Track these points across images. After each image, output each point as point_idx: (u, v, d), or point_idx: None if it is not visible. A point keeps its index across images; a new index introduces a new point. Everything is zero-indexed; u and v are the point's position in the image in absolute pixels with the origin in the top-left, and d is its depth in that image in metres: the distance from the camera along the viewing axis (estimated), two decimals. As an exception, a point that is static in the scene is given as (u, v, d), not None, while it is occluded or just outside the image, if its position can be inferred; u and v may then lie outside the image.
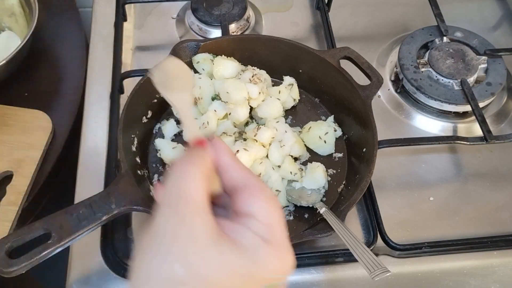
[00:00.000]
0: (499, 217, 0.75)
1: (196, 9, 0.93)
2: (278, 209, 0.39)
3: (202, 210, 0.37)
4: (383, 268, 0.55)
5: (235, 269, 0.36)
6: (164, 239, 0.36)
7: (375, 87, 0.74)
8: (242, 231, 0.37)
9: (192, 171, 0.38)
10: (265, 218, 0.38)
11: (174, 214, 0.36)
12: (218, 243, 0.36)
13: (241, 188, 0.40)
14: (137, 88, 0.72)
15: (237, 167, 0.41)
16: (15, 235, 0.55)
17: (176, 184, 0.38)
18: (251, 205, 0.38)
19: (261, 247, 0.37)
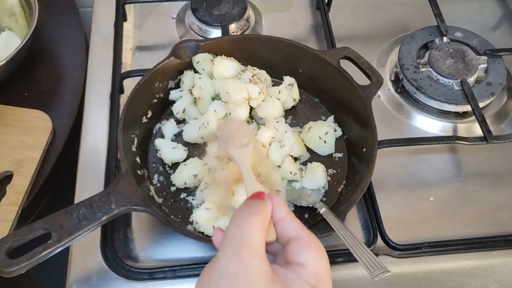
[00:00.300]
0: (499, 217, 0.75)
1: (196, 9, 0.93)
2: (325, 260, 0.44)
3: (260, 256, 0.41)
4: (383, 268, 0.55)
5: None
6: (224, 278, 0.40)
7: (375, 87, 0.74)
8: (294, 277, 0.42)
9: (253, 221, 0.42)
10: (314, 267, 0.42)
11: (235, 257, 0.40)
12: (273, 285, 0.40)
13: (294, 239, 0.44)
14: (137, 88, 0.72)
15: (291, 220, 0.45)
16: (15, 235, 0.55)
17: (238, 231, 0.42)
18: (302, 255, 0.43)
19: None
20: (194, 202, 0.71)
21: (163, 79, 0.77)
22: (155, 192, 0.71)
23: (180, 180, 0.71)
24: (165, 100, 0.79)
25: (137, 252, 0.69)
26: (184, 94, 0.78)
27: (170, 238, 0.69)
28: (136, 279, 0.65)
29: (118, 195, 0.60)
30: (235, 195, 0.65)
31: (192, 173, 0.70)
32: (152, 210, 0.61)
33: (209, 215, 0.65)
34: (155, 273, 0.65)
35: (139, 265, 0.67)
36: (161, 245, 0.69)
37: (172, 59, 0.76)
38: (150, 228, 0.71)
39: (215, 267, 0.41)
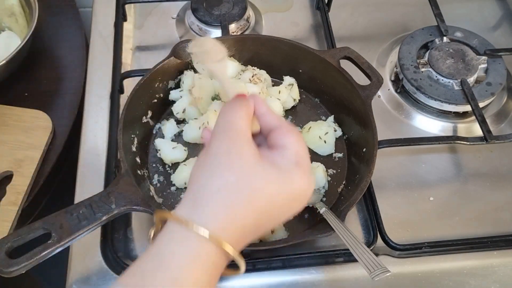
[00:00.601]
0: (499, 217, 0.75)
1: (196, 9, 0.93)
2: (303, 143, 0.50)
3: (247, 137, 0.47)
4: (383, 268, 0.55)
5: (275, 181, 0.45)
6: (218, 155, 0.46)
7: (375, 87, 0.74)
8: (278, 157, 0.48)
9: (239, 111, 0.48)
10: (294, 148, 0.48)
11: (226, 138, 0.46)
12: (261, 161, 0.46)
13: (275, 128, 0.50)
14: (137, 88, 0.72)
15: (272, 114, 0.51)
16: (15, 235, 0.55)
17: (227, 119, 0.48)
18: (284, 139, 0.49)
19: (294, 168, 0.47)
20: (194, 202, 0.71)
21: (163, 79, 0.77)
22: (155, 192, 0.71)
23: (180, 180, 0.71)
24: (165, 100, 0.79)
25: (137, 252, 0.69)
26: (184, 94, 0.78)
27: (170, 238, 0.69)
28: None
29: (118, 195, 0.60)
30: None
31: (192, 173, 0.70)
32: (152, 210, 0.61)
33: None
34: (155, 273, 0.65)
35: (139, 265, 0.67)
36: (161, 245, 0.69)
37: (172, 59, 0.76)
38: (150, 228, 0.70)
39: (209, 150, 0.46)
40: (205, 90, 0.76)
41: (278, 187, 0.46)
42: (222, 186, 0.44)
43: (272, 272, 0.67)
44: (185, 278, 0.42)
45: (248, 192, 0.44)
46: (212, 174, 0.45)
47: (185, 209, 0.45)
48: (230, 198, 0.44)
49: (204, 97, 0.76)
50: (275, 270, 0.67)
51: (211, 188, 0.44)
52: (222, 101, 0.75)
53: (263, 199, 0.45)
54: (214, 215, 0.43)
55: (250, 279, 0.66)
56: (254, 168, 0.45)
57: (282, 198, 0.46)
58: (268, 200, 0.45)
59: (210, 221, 0.43)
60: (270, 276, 0.67)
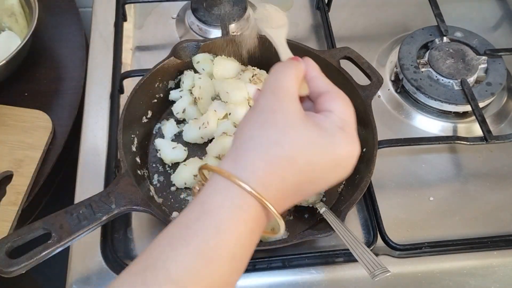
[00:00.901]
0: (499, 217, 0.75)
1: (196, 9, 0.93)
2: (351, 110, 0.49)
3: (293, 97, 0.47)
4: (383, 268, 0.55)
5: (317, 142, 0.45)
6: (264, 112, 0.46)
7: (375, 87, 0.74)
8: (323, 119, 0.47)
9: (288, 72, 0.49)
10: (341, 113, 0.48)
11: (272, 96, 0.47)
12: (305, 121, 0.46)
13: (324, 92, 0.50)
14: (137, 88, 0.72)
15: (323, 78, 0.51)
16: (15, 235, 0.55)
17: (276, 78, 0.48)
18: (331, 104, 0.48)
19: (337, 131, 0.46)
20: (194, 202, 0.71)
21: (163, 79, 0.77)
22: (155, 192, 0.71)
23: (180, 180, 0.71)
24: (165, 100, 0.79)
25: (137, 252, 0.69)
26: (184, 94, 0.78)
27: (170, 238, 0.69)
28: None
29: (118, 195, 0.60)
30: None
31: (192, 173, 0.70)
32: (152, 210, 0.61)
33: (209, 215, 0.65)
34: (155, 273, 0.65)
35: (139, 265, 0.67)
36: (161, 245, 0.69)
37: (172, 59, 0.77)
38: (150, 228, 0.71)
39: (256, 106, 0.47)
40: (205, 90, 0.76)
41: (320, 148, 0.45)
42: (263, 141, 0.44)
43: (272, 272, 0.67)
44: (227, 228, 0.42)
45: (289, 149, 0.44)
46: (254, 129, 0.45)
47: (228, 163, 0.45)
48: (270, 153, 0.44)
49: (204, 97, 0.76)
50: (275, 270, 0.67)
51: (253, 143, 0.45)
52: (222, 101, 0.75)
53: (304, 158, 0.44)
54: (254, 170, 0.44)
55: (250, 279, 0.66)
56: (298, 126, 0.45)
57: (324, 160, 0.45)
58: (309, 160, 0.45)
59: (250, 175, 0.43)
60: (270, 276, 0.67)
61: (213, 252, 0.41)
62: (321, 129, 0.46)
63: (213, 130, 0.74)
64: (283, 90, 0.47)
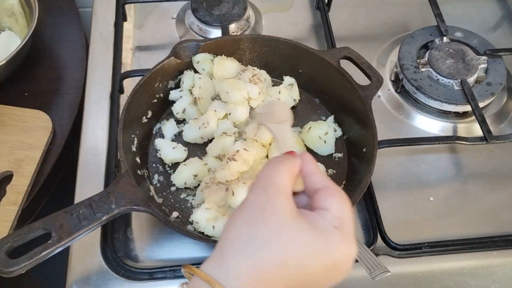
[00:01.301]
0: (499, 217, 0.75)
1: (196, 9, 0.93)
2: (349, 208, 0.46)
3: (286, 194, 0.44)
4: (383, 268, 0.55)
5: (311, 244, 0.42)
6: (252, 210, 0.43)
7: (375, 87, 0.74)
8: (318, 218, 0.44)
9: (282, 167, 0.46)
10: (337, 212, 0.45)
11: (263, 193, 0.44)
12: (298, 220, 0.43)
13: (320, 189, 0.47)
14: (137, 88, 0.72)
15: (319, 174, 0.48)
16: (15, 235, 0.55)
17: (268, 173, 0.46)
18: (327, 201, 0.45)
19: (333, 232, 0.43)
20: (194, 202, 0.71)
21: (163, 79, 0.77)
22: (155, 192, 0.71)
23: (180, 180, 0.71)
24: (165, 100, 0.79)
25: (137, 252, 0.69)
26: (184, 94, 0.78)
27: (170, 238, 0.70)
28: (136, 279, 0.65)
29: (118, 195, 0.60)
30: (235, 195, 0.65)
31: (192, 173, 0.71)
32: (152, 210, 0.61)
33: (209, 215, 0.65)
34: (155, 273, 0.65)
35: (139, 265, 0.67)
36: (161, 245, 0.69)
37: (172, 59, 0.77)
38: (150, 228, 0.71)
39: (245, 203, 0.44)
40: (205, 90, 0.76)
41: (313, 250, 0.42)
42: (250, 242, 0.41)
43: (272, 272, 0.67)
44: None
45: (278, 251, 0.41)
46: (241, 228, 0.42)
47: (211, 264, 0.42)
48: (257, 256, 0.41)
49: (204, 97, 0.76)
50: (275, 270, 0.67)
51: (238, 244, 0.42)
52: (222, 101, 0.75)
53: (295, 261, 0.41)
54: (238, 274, 0.40)
55: (250, 279, 0.66)
56: (289, 225, 0.42)
57: (317, 264, 0.42)
58: (301, 264, 0.41)
59: (234, 281, 0.40)
60: (270, 276, 0.67)
61: None
62: (315, 229, 0.43)
63: (213, 130, 0.74)
64: (275, 186, 0.44)
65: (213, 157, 0.72)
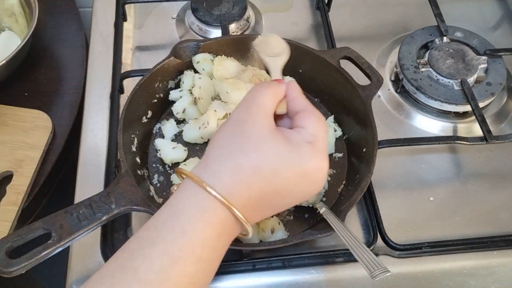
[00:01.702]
0: (499, 217, 0.75)
1: (196, 9, 0.93)
2: (323, 127, 0.51)
3: (266, 112, 0.49)
4: (383, 268, 0.55)
5: (283, 153, 0.47)
6: (235, 123, 0.49)
7: (375, 87, 0.74)
8: (293, 133, 0.49)
9: (265, 90, 0.51)
10: (312, 129, 0.50)
11: (245, 109, 0.49)
12: (273, 134, 0.48)
13: (300, 111, 0.52)
14: (137, 88, 0.72)
15: (302, 99, 0.53)
16: (15, 235, 0.55)
17: (252, 94, 0.51)
18: (304, 120, 0.51)
19: (305, 145, 0.48)
20: (194, 202, 0.71)
21: (163, 79, 0.77)
22: (155, 192, 0.71)
23: (180, 180, 0.71)
24: (165, 100, 0.79)
25: (137, 252, 0.68)
26: (184, 94, 0.78)
27: (170, 238, 0.69)
28: (136, 279, 0.65)
29: (118, 195, 0.60)
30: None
31: (192, 173, 0.70)
32: (152, 210, 0.60)
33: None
34: (155, 273, 0.65)
35: (139, 265, 0.67)
36: (161, 245, 0.69)
37: (172, 59, 0.77)
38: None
39: (229, 118, 0.50)
40: (205, 90, 0.76)
41: (285, 159, 0.47)
42: (231, 149, 0.47)
43: (272, 272, 0.67)
44: (193, 230, 0.44)
45: (254, 157, 0.46)
46: (224, 138, 0.48)
47: (198, 169, 0.47)
48: (236, 160, 0.46)
49: (204, 97, 0.76)
50: (275, 270, 0.67)
51: (220, 151, 0.47)
52: (222, 101, 0.75)
53: (269, 167, 0.46)
54: (221, 176, 0.46)
55: (250, 279, 0.66)
56: (265, 137, 0.47)
57: (289, 171, 0.47)
58: (274, 170, 0.46)
59: (217, 181, 0.45)
60: (270, 276, 0.67)
61: (180, 252, 0.43)
62: (288, 142, 0.48)
63: (213, 130, 0.74)
64: (256, 105, 0.49)
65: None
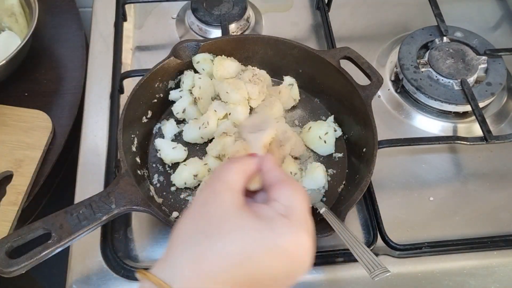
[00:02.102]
0: (499, 217, 0.75)
1: (196, 9, 0.93)
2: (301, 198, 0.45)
3: (232, 189, 0.44)
4: (383, 268, 0.55)
5: (251, 232, 0.41)
6: (197, 205, 0.44)
7: (375, 87, 0.74)
8: (264, 207, 0.44)
9: (232, 165, 0.47)
10: (286, 201, 0.44)
11: (209, 189, 0.45)
12: (239, 211, 0.42)
13: (275, 183, 0.47)
14: (137, 88, 0.72)
15: (277, 170, 0.48)
16: (15, 235, 0.56)
17: (218, 172, 0.47)
18: (277, 192, 0.45)
19: (278, 218, 0.42)
20: (194, 202, 0.71)
21: (163, 79, 0.77)
22: (155, 192, 0.71)
23: (180, 180, 0.71)
24: (165, 100, 0.79)
25: (137, 252, 0.69)
26: (184, 94, 0.78)
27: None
28: (136, 279, 0.65)
29: (118, 195, 0.60)
30: None
31: (192, 173, 0.70)
32: (152, 210, 0.61)
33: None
34: (155, 273, 0.65)
35: (139, 265, 0.67)
36: (161, 245, 0.69)
37: (172, 59, 0.77)
38: (150, 228, 0.71)
39: (193, 201, 0.47)
40: (205, 90, 0.76)
41: (255, 236, 0.41)
42: (191, 234, 0.41)
43: (272, 272, 0.67)
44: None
45: (216, 239, 0.40)
46: (186, 221, 0.43)
47: (160, 264, 0.42)
48: (198, 247, 0.40)
49: (204, 97, 0.76)
50: (275, 270, 0.67)
51: (182, 238, 0.42)
52: (222, 101, 0.75)
53: (236, 248, 0.40)
54: (181, 268, 0.40)
55: (250, 279, 0.66)
56: (230, 216, 0.42)
57: (263, 252, 0.40)
58: (244, 252, 0.40)
59: (176, 276, 0.40)
60: (270, 276, 0.67)
61: None
62: (258, 218, 0.42)
63: (213, 130, 0.74)
64: (221, 182, 0.45)
65: (213, 157, 0.72)
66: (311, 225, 0.44)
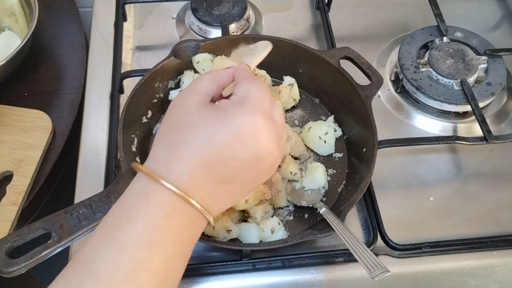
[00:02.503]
0: (499, 217, 0.75)
1: (196, 9, 0.93)
2: (258, 87, 0.50)
3: (198, 93, 0.50)
4: (383, 268, 0.55)
5: (210, 120, 0.47)
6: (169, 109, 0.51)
7: (375, 87, 0.74)
8: (224, 101, 0.50)
9: (205, 76, 0.52)
10: (243, 92, 0.50)
11: (179, 95, 0.52)
12: (202, 107, 0.49)
13: (239, 82, 0.52)
14: (137, 88, 0.72)
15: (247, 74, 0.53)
16: (15, 235, 0.55)
17: (192, 82, 0.53)
18: (238, 87, 0.51)
19: (233, 106, 0.48)
20: (194, 202, 0.71)
21: (163, 79, 0.77)
22: (155, 192, 0.71)
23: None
24: (165, 100, 0.79)
25: (137, 252, 0.68)
26: (184, 94, 0.78)
27: (170, 238, 0.69)
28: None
29: (118, 195, 0.59)
30: None
31: (192, 173, 0.70)
32: (152, 210, 0.60)
33: (209, 215, 0.65)
34: (155, 273, 0.65)
35: (139, 265, 0.67)
36: (161, 245, 0.69)
37: (172, 59, 0.76)
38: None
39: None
40: (205, 90, 0.76)
41: (212, 123, 0.47)
42: (164, 132, 0.49)
43: (272, 272, 0.67)
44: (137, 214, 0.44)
45: (181, 130, 0.47)
46: (160, 128, 0.50)
47: (145, 162, 0.49)
48: (167, 139, 0.48)
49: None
50: (275, 270, 0.67)
51: (158, 138, 0.49)
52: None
53: (197, 136, 0.46)
54: (156, 157, 0.48)
55: (250, 279, 0.66)
56: (193, 111, 0.48)
57: (221, 135, 0.46)
58: (205, 136, 0.46)
59: (155, 164, 0.47)
60: (270, 276, 0.67)
61: (126, 237, 0.43)
62: (216, 109, 0.49)
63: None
64: (189, 88, 0.51)
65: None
66: (270, 109, 0.49)
